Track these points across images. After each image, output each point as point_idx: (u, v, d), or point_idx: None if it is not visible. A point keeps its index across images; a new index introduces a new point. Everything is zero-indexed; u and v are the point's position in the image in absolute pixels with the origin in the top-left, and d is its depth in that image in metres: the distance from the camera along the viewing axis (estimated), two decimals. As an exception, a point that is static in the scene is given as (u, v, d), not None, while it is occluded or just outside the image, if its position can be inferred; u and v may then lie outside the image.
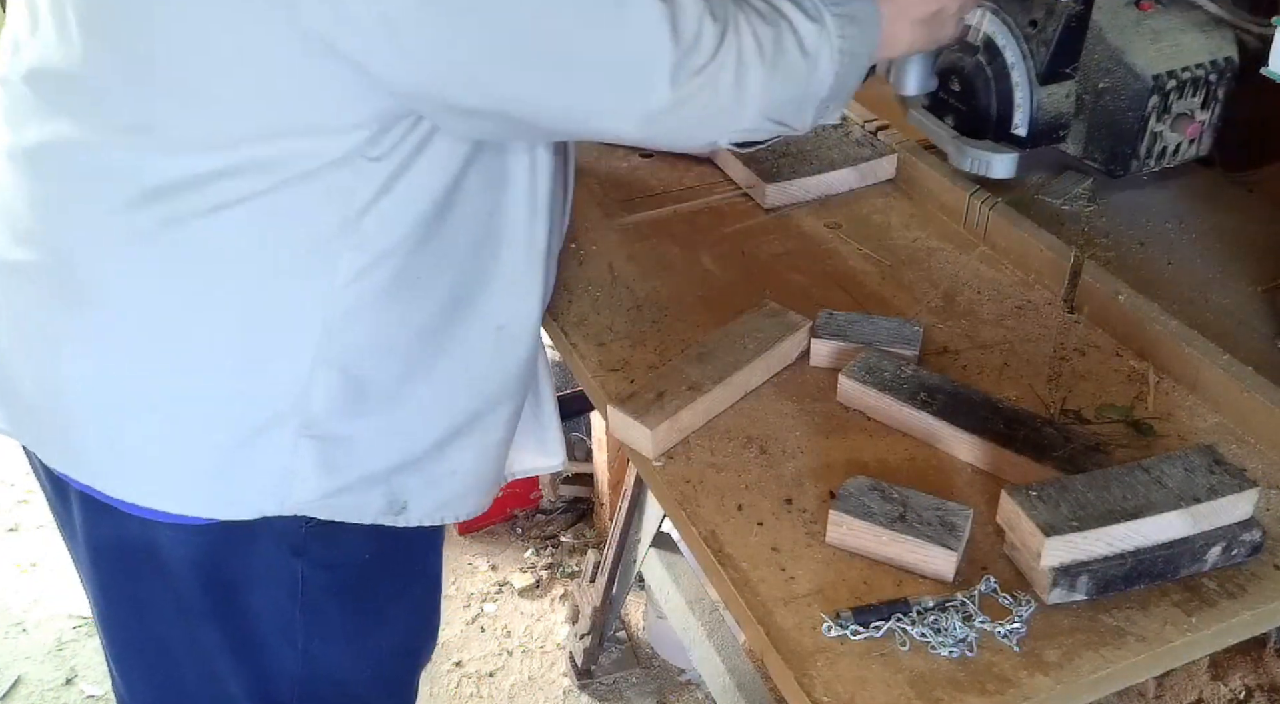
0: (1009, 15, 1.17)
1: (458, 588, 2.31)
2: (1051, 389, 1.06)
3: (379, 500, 1.01)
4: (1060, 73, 1.17)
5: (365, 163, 0.86)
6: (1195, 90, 1.15)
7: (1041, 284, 1.19)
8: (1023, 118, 1.19)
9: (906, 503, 0.88)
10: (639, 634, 2.21)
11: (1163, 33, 1.16)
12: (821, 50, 0.93)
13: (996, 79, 1.17)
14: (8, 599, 2.29)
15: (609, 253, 1.27)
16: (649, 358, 1.10)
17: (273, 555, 1.01)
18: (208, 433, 0.94)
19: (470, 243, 0.97)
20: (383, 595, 1.11)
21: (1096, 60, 1.17)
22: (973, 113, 1.21)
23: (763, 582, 0.86)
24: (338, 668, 1.12)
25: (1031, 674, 0.79)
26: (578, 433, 2.42)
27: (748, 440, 1.00)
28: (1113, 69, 1.15)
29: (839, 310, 1.11)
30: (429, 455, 1.02)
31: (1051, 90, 1.18)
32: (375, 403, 0.97)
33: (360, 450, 0.98)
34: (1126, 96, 1.15)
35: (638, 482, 1.85)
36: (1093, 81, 1.17)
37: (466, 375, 1.02)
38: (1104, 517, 0.83)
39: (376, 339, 0.94)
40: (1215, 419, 1.02)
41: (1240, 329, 1.13)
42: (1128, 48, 1.14)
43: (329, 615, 1.07)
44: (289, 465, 0.95)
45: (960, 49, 1.19)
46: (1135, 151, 1.17)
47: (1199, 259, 1.24)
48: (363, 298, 0.92)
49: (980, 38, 1.16)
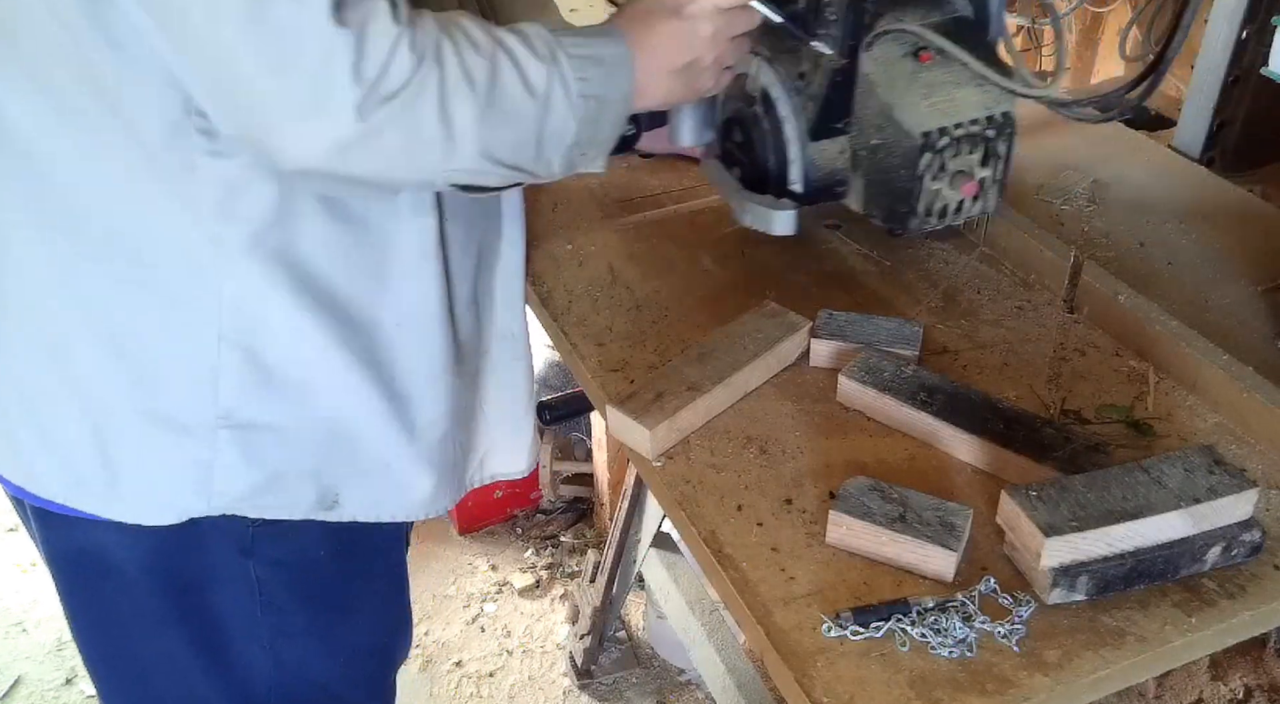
0: (781, 67, 1.10)
1: (458, 588, 2.31)
2: (1051, 389, 1.06)
3: (309, 494, 1.01)
4: (831, 128, 1.09)
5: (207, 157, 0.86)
6: (972, 147, 1.06)
7: (1041, 284, 1.19)
8: (797, 173, 1.11)
9: (906, 503, 0.88)
10: (639, 634, 2.21)
11: (937, 87, 1.06)
12: (553, 91, 0.87)
13: (773, 132, 1.10)
14: (8, 599, 2.29)
15: (609, 253, 1.27)
16: (649, 358, 1.10)
17: (223, 556, 1.01)
18: (125, 428, 0.94)
19: (352, 234, 0.95)
20: (345, 592, 1.11)
21: (869, 116, 1.08)
22: (754, 166, 1.14)
23: (763, 582, 0.86)
24: (309, 667, 1.12)
25: (1031, 674, 0.79)
26: (578, 433, 2.42)
27: (748, 441, 1.00)
28: (884, 126, 1.06)
29: (839, 310, 1.11)
30: (352, 447, 1.01)
31: (824, 146, 1.10)
32: (288, 389, 0.96)
33: (280, 441, 0.98)
34: (899, 154, 1.06)
35: (638, 482, 1.85)
36: (866, 137, 1.09)
37: (376, 368, 1.00)
38: (1104, 517, 0.83)
39: (280, 322, 0.93)
40: (1215, 419, 1.02)
41: (1240, 329, 1.13)
42: (898, 103, 1.05)
43: (291, 614, 1.07)
44: (209, 459, 0.95)
45: (742, 99, 1.13)
46: (914, 209, 1.08)
47: (1199, 259, 1.24)
48: (254, 274, 0.91)
49: (758, 89, 1.11)
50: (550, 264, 1.25)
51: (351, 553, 1.09)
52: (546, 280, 1.22)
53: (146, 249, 0.90)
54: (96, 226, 0.89)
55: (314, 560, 1.06)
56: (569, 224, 1.32)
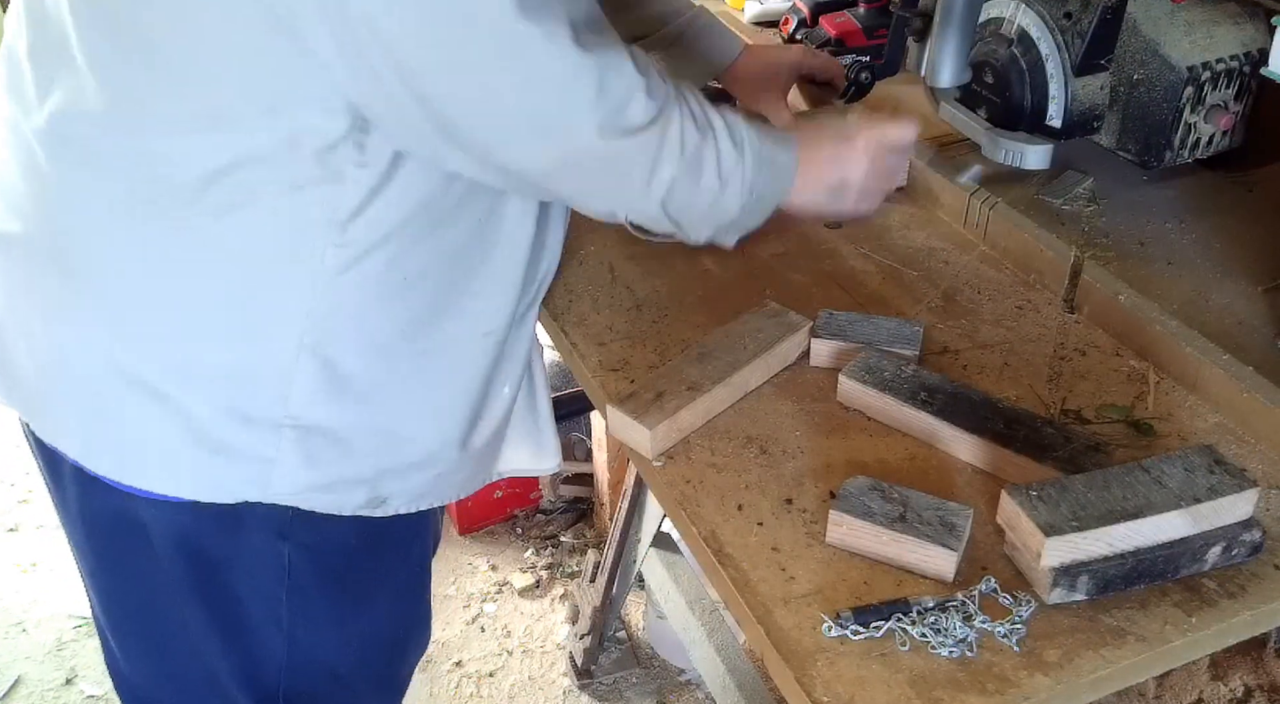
0: (1043, 8, 1.18)
1: (458, 588, 2.31)
2: (1051, 389, 1.06)
3: (360, 497, 1.03)
4: (1095, 64, 1.19)
5: (352, 168, 0.88)
6: (1229, 82, 1.17)
7: (1041, 284, 1.19)
8: (1057, 109, 1.20)
9: (906, 503, 0.88)
10: (639, 634, 2.21)
11: (1196, 24, 1.18)
12: (733, 178, 0.97)
13: (1031, 71, 1.19)
14: (8, 599, 2.29)
15: (609, 253, 1.27)
16: (649, 358, 1.10)
17: (258, 538, 1.02)
18: (191, 414, 0.95)
19: (458, 248, 0.99)
20: (368, 581, 1.13)
21: (1131, 52, 1.18)
22: (1006, 105, 1.23)
23: (763, 582, 0.86)
24: (324, 654, 1.13)
25: (1031, 674, 0.79)
26: (578, 433, 2.42)
27: (748, 440, 1.00)
28: (1147, 61, 1.17)
29: (839, 310, 1.11)
30: (405, 452, 1.04)
31: (1086, 82, 1.19)
32: (359, 398, 0.98)
33: (344, 448, 0.99)
34: (1161, 88, 1.17)
35: (638, 482, 1.85)
36: (1127, 73, 1.19)
37: (453, 377, 1.04)
38: (1104, 517, 0.83)
39: (361, 335, 0.96)
40: (1215, 419, 1.02)
41: (1240, 329, 1.13)
42: (1162, 39, 1.16)
43: (315, 599, 1.08)
44: (271, 455, 0.97)
45: (994, 41, 1.20)
46: (1169, 142, 1.19)
47: (1199, 259, 1.24)
48: (347, 292, 0.93)
49: (1015, 30, 1.17)
50: (550, 264, 1.25)
51: (380, 542, 1.10)
52: (546, 280, 1.22)
53: (252, 251, 0.91)
54: (208, 222, 0.89)
55: (345, 548, 1.07)
56: (569, 224, 1.32)
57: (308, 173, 0.87)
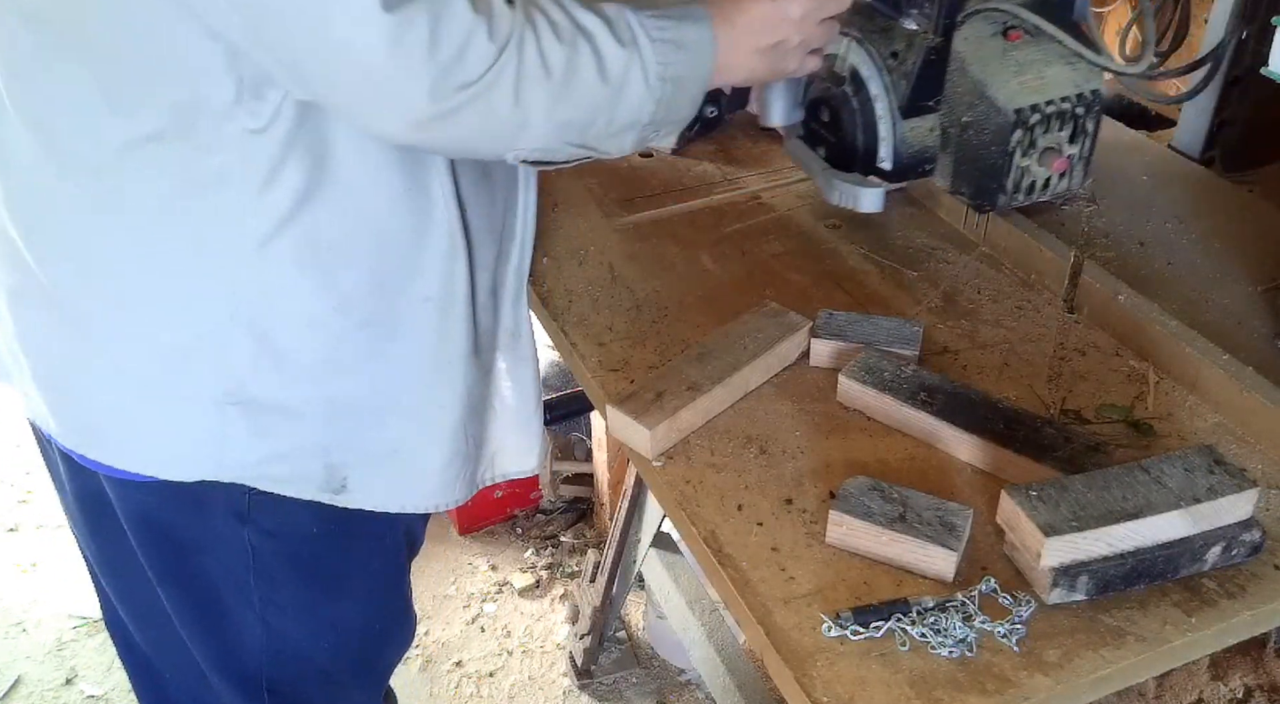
0: (872, 46, 1.13)
1: (458, 588, 2.31)
2: (1051, 389, 1.06)
3: (317, 473, 1.02)
4: (923, 106, 1.13)
5: (250, 136, 0.88)
6: (1062, 124, 1.10)
7: (1041, 284, 1.19)
8: (888, 151, 1.15)
9: (906, 503, 0.88)
10: (639, 634, 2.21)
11: (1027, 65, 1.10)
12: (630, 76, 0.91)
13: (862, 111, 1.14)
14: (8, 599, 2.29)
15: (609, 253, 1.27)
16: (649, 358, 1.10)
17: (219, 520, 1.03)
18: (143, 388, 0.96)
19: (381, 218, 0.97)
20: (336, 572, 1.12)
21: (960, 93, 1.12)
22: (841, 145, 1.17)
23: (763, 582, 0.86)
24: (297, 639, 1.13)
25: (1031, 674, 0.79)
26: (578, 433, 2.42)
27: (748, 440, 1.00)
28: (976, 103, 1.10)
29: (839, 310, 1.11)
30: (362, 429, 1.02)
31: (914, 124, 1.14)
32: (299, 372, 0.98)
33: (291, 419, 0.99)
34: (990, 131, 1.10)
35: (638, 482, 1.85)
36: (957, 115, 1.13)
37: (396, 349, 1.02)
38: (1104, 517, 0.83)
39: (293, 309, 0.95)
40: (1215, 419, 1.02)
41: (1240, 329, 1.13)
42: (990, 81, 1.09)
43: (282, 584, 1.09)
44: (219, 429, 0.97)
45: (829, 79, 1.16)
46: (1002, 186, 1.12)
47: (1199, 259, 1.24)
48: (271, 264, 0.93)
49: (846, 68, 1.14)
50: (550, 264, 1.25)
51: (345, 534, 1.09)
52: (546, 280, 1.22)
53: (175, 226, 0.91)
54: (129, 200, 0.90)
55: (306, 536, 1.07)
56: (569, 224, 1.32)
57: (208, 142, 0.87)
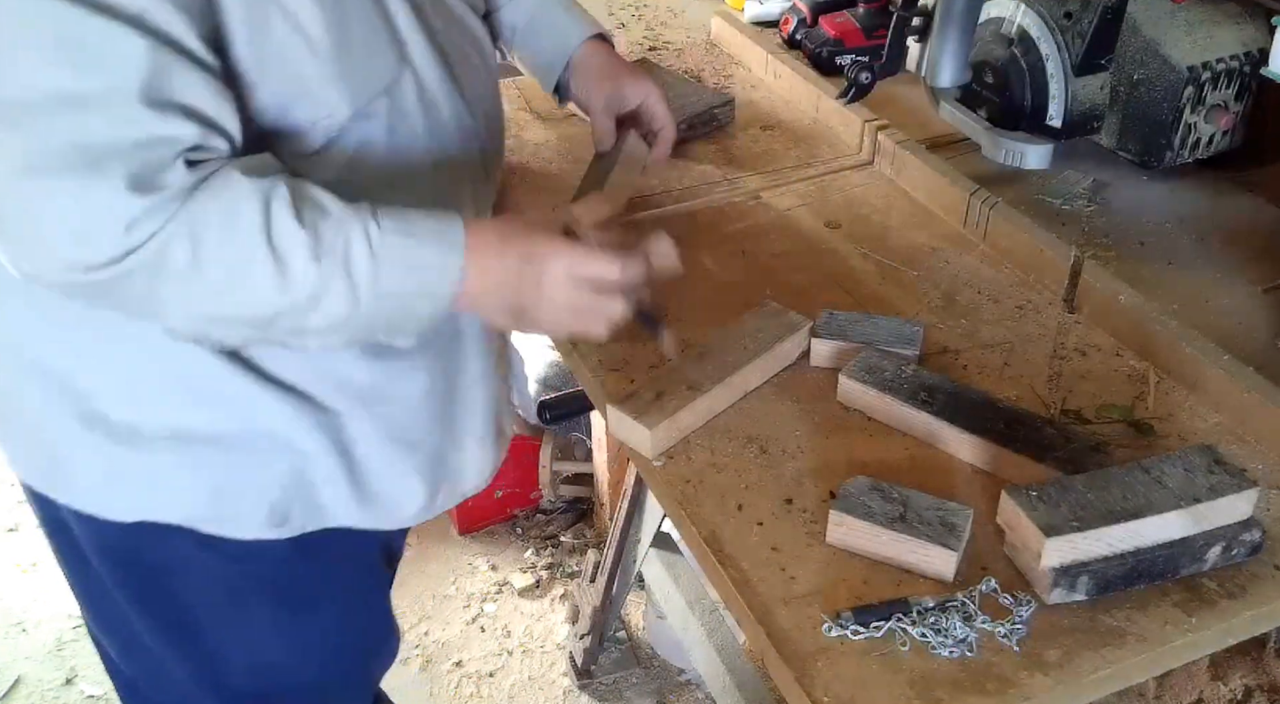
0: (1043, 7, 1.19)
1: (458, 588, 2.31)
2: (1051, 389, 1.06)
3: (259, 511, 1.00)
4: (1095, 64, 1.20)
5: None
6: (1229, 82, 1.18)
7: (1041, 284, 1.19)
8: (1058, 109, 1.21)
9: (906, 503, 0.88)
10: (639, 634, 2.21)
11: (1197, 24, 1.18)
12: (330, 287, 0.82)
13: (1031, 71, 1.20)
14: (8, 599, 2.29)
15: (609, 253, 1.26)
16: (649, 358, 1.10)
17: (182, 548, 1.02)
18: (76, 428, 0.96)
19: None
20: (309, 591, 1.11)
21: (1131, 52, 1.19)
22: (1006, 104, 1.24)
23: (763, 582, 0.86)
24: (282, 657, 1.12)
25: (1031, 674, 0.79)
26: (578, 433, 2.41)
27: (748, 440, 1.00)
28: (1148, 60, 1.18)
29: (839, 310, 1.11)
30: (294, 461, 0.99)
31: (1086, 81, 1.20)
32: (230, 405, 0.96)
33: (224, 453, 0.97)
34: (1161, 88, 1.18)
35: (638, 482, 1.85)
36: (1128, 73, 1.20)
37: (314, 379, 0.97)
38: (1104, 517, 0.83)
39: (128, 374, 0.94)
40: (1215, 419, 1.02)
41: (1240, 329, 1.13)
42: (1163, 39, 1.17)
43: (256, 605, 1.08)
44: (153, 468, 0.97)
45: (994, 41, 1.21)
46: (1170, 142, 1.20)
47: (1199, 259, 1.24)
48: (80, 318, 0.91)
49: (1015, 30, 1.18)
50: (550, 264, 1.24)
51: (315, 554, 1.07)
52: (546, 280, 1.22)
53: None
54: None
55: (274, 558, 1.05)
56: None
57: None
